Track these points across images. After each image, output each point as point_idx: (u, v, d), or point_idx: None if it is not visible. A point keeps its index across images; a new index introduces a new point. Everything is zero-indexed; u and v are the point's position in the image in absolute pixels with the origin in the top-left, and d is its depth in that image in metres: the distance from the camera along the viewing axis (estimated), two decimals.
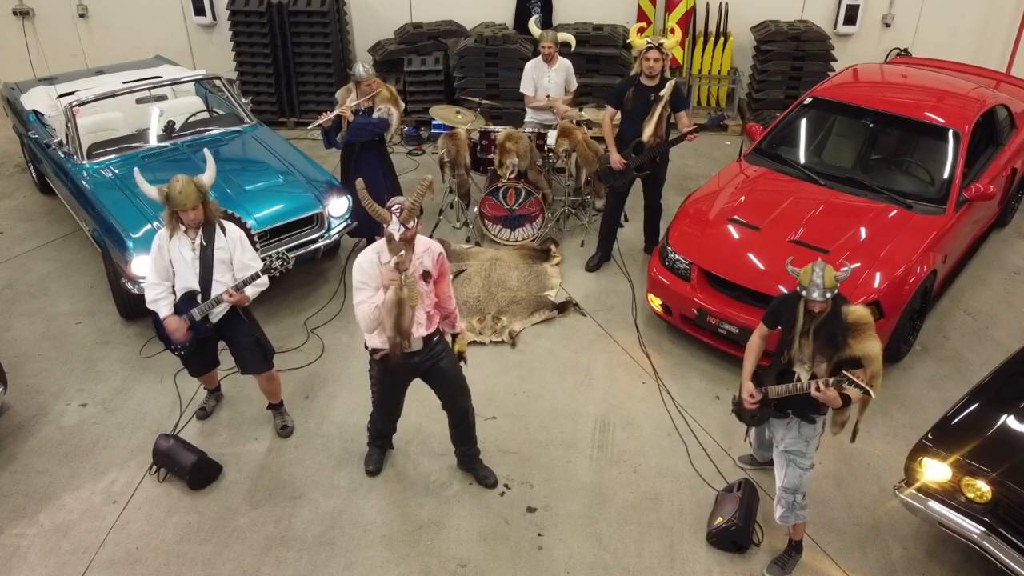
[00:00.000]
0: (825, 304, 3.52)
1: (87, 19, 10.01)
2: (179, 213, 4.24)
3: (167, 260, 4.36)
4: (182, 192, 4.17)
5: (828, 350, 3.57)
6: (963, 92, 6.42)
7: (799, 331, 3.63)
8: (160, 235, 4.39)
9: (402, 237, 3.71)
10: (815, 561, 4.17)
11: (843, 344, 3.53)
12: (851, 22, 9.28)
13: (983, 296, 6.31)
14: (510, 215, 6.79)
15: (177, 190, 4.17)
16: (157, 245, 4.38)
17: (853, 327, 3.53)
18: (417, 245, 3.89)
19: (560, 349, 5.73)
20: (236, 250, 4.42)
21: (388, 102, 6.06)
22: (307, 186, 6.15)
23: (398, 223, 3.68)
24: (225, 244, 4.39)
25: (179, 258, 4.35)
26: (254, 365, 4.68)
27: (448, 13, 9.55)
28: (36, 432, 4.99)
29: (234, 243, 4.42)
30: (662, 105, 5.90)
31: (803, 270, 3.55)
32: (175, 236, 4.33)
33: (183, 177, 4.21)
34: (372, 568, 4.14)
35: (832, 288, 3.49)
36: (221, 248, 4.38)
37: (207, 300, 4.40)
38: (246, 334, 4.61)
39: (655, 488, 4.60)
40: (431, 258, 3.96)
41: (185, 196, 4.17)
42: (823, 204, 5.63)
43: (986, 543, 3.72)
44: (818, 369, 3.61)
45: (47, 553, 4.22)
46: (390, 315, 3.76)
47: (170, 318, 4.40)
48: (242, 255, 4.44)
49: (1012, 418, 3.89)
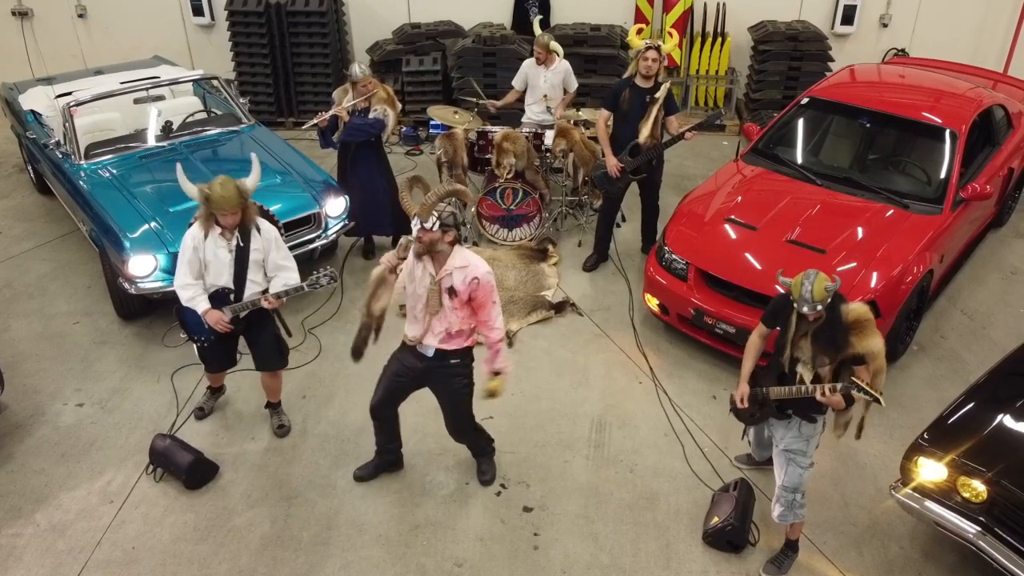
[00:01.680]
0: (818, 315, 3.50)
1: (86, 19, 10.02)
2: (217, 215, 4.18)
3: (201, 259, 4.30)
4: (223, 196, 4.10)
5: (830, 352, 3.57)
6: (960, 92, 6.43)
7: (791, 339, 3.62)
8: (193, 235, 4.28)
9: (419, 236, 3.67)
10: (811, 561, 4.17)
11: (844, 344, 3.52)
12: (848, 22, 9.29)
13: (980, 296, 6.31)
14: (507, 215, 6.79)
15: (218, 193, 4.10)
16: (192, 245, 4.28)
17: (854, 325, 3.51)
18: (456, 258, 3.80)
19: (557, 349, 5.73)
20: (271, 250, 4.41)
21: (384, 103, 6.06)
22: (304, 186, 6.16)
23: (416, 221, 3.66)
24: (260, 245, 4.36)
25: (214, 258, 4.31)
26: (274, 362, 4.72)
27: (446, 13, 9.56)
28: (33, 432, 4.99)
29: (269, 243, 4.40)
30: (658, 107, 5.91)
31: (793, 281, 3.50)
32: (210, 235, 4.27)
33: (225, 179, 4.15)
34: (368, 568, 4.14)
35: (823, 300, 3.43)
36: (256, 249, 4.35)
37: (240, 300, 4.40)
38: (271, 332, 4.64)
39: (652, 488, 4.60)
40: (462, 277, 3.81)
41: (225, 200, 4.11)
42: (820, 204, 5.63)
43: (982, 543, 3.72)
44: (821, 369, 3.61)
45: (43, 553, 4.22)
46: (367, 290, 3.77)
47: (211, 311, 4.36)
48: (276, 255, 4.43)
49: (1008, 418, 3.89)
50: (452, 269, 3.81)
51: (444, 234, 3.71)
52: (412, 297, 3.94)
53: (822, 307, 3.46)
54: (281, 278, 4.44)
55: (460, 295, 3.84)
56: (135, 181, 6.02)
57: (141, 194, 5.86)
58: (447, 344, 3.98)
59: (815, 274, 3.47)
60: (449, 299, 3.84)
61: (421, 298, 3.88)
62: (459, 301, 3.86)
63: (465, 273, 3.82)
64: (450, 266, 3.81)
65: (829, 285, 3.44)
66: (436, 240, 3.71)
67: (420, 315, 3.94)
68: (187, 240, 4.32)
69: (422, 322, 3.94)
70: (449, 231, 3.72)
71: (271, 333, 4.64)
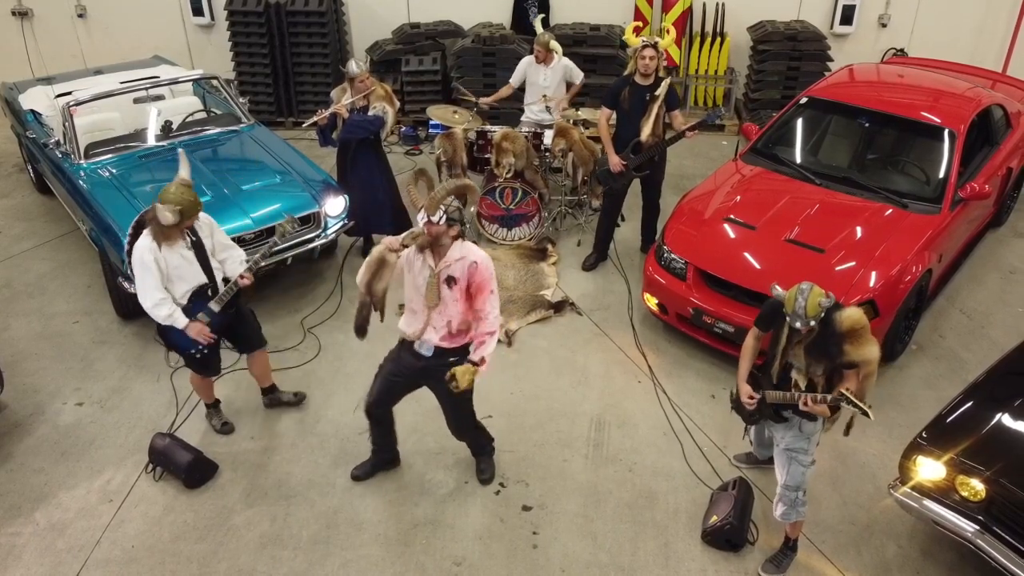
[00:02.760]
0: (811, 329, 3.48)
1: (86, 19, 10.02)
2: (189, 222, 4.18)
3: (163, 270, 4.26)
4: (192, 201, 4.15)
5: (823, 362, 3.56)
6: (959, 92, 6.44)
7: (781, 351, 3.61)
8: (147, 249, 4.18)
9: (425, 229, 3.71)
10: (810, 560, 4.18)
11: (839, 354, 3.49)
12: (847, 22, 9.30)
13: (979, 295, 6.32)
14: (507, 214, 6.80)
15: (189, 199, 4.13)
16: (152, 260, 4.17)
17: (849, 334, 3.45)
18: (456, 250, 3.83)
19: (556, 348, 5.74)
20: (215, 232, 4.48)
21: (383, 100, 6.07)
22: (304, 185, 6.16)
23: (423, 214, 3.70)
24: (206, 231, 4.42)
25: (181, 261, 4.29)
26: (260, 337, 4.81)
27: (446, 13, 9.57)
28: (33, 431, 5.00)
29: (211, 226, 4.45)
30: (658, 104, 5.91)
31: (787, 295, 3.48)
32: (164, 244, 4.22)
33: (178, 186, 4.14)
34: (367, 567, 4.14)
35: (816, 316, 3.41)
36: (206, 236, 4.41)
37: (224, 288, 4.42)
38: (247, 311, 4.73)
39: (650, 487, 4.61)
40: (463, 267, 3.83)
41: (195, 204, 4.17)
42: (819, 203, 5.64)
43: (980, 541, 3.72)
44: (814, 375, 3.61)
45: (43, 552, 4.22)
46: (368, 270, 3.78)
47: (191, 324, 4.34)
48: (219, 235, 4.49)
49: (1007, 417, 3.89)
50: (452, 261, 3.84)
51: (449, 228, 3.76)
52: (411, 289, 3.96)
53: (814, 323, 3.43)
54: (234, 256, 4.52)
55: (459, 282, 3.85)
56: (135, 181, 6.02)
57: (141, 194, 5.85)
58: (447, 343, 3.98)
59: (809, 289, 3.43)
60: (448, 288, 3.85)
61: (420, 290, 3.89)
62: (459, 290, 3.86)
63: (464, 263, 3.85)
64: (450, 259, 3.83)
65: (823, 301, 3.40)
66: (441, 233, 3.76)
67: (419, 308, 3.94)
68: (146, 257, 4.16)
69: (421, 316, 3.95)
70: (454, 225, 3.77)
71: (248, 311, 4.75)
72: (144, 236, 4.23)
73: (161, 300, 4.26)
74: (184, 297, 4.38)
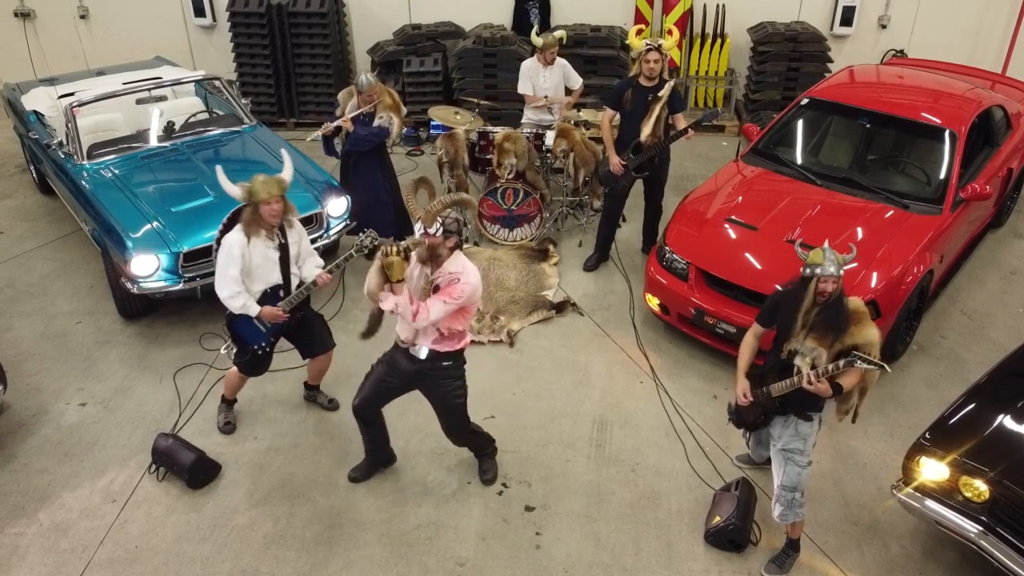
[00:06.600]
0: (838, 282, 3.60)
1: (87, 20, 10.03)
2: (261, 206, 4.22)
3: (248, 264, 4.34)
4: (265, 182, 4.22)
5: (829, 336, 3.61)
6: (959, 93, 6.45)
7: (804, 311, 3.66)
8: (237, 243, 4.29)
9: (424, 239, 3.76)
10: (813, 560, 4.19)
11: (845, 328, 3.59)
12: (847, 23, 9.31)
13: (979, 296, 6.33)
14: (508, 215, 6.81)
15: (260, 180, 4.22)
16: (239, 253, 4.28)
17: (854, 315, 3.64)
18: (452, 263, 3.87)
19: (558, 348, 5.75)
20: (303, 240, 4.59)
21: (390, 109, 6.08)
22: (306, 186, 6.16)
23: (420, 226, 3.75)
24: (296, 237, 4.53)
25: (264, 259, 4.38)
26: (322, 345, 4.87)
27: (447, 14, 9.57)
28: (36, 431, 5.00)
29: (301, 233, 4.58)
30: (660, 105, 5.92)
31: (813, 251, 3.65)
32: (254, 239, 4.31)
33: (264, 175, 4.29)
34: (370, 567, 4.15)
35: (843, 263, 3.60)
36: (294, 243, 4.52)
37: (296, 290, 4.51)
38: (315, 314, 4.83)
39: (653, 487, 4.62)
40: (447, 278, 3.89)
41: (267, 186, 4.22)
42: (820, 204, 5.65)
43: (983, 542, 3.73)
44: (818, 361, 3.64)
45: (46, 552, 4.23)
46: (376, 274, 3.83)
47: (265, 309, 4.43)
48: (305, 243, 4.63)
49: (1009, 417, 3.90)
50: (446, 272, 3.88)
51: (446, 240, 3.80)
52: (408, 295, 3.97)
53: (844, 270, 3.60)
54: (310, 262, 4.64)
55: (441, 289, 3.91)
56: (137, 181, 6.04)
57: (143, 194, 5.87)
58: (440, 346, 4.03)
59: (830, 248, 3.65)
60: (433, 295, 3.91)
61: (416, 296, 3.92)
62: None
63: (446, 275, 3.89)
64: (445, 269, 3.88)
65: (846, 256, 3.65)
66: (438, 245, 3.81)
67: None
68: (233, 249, 4.29)
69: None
70: (451, 237, 3.82)
71: (316, 315, 4.84)
72: (236, 230, 4.34)
73: (238, 292, 4.36)
74: (256, 295, 4.46)
